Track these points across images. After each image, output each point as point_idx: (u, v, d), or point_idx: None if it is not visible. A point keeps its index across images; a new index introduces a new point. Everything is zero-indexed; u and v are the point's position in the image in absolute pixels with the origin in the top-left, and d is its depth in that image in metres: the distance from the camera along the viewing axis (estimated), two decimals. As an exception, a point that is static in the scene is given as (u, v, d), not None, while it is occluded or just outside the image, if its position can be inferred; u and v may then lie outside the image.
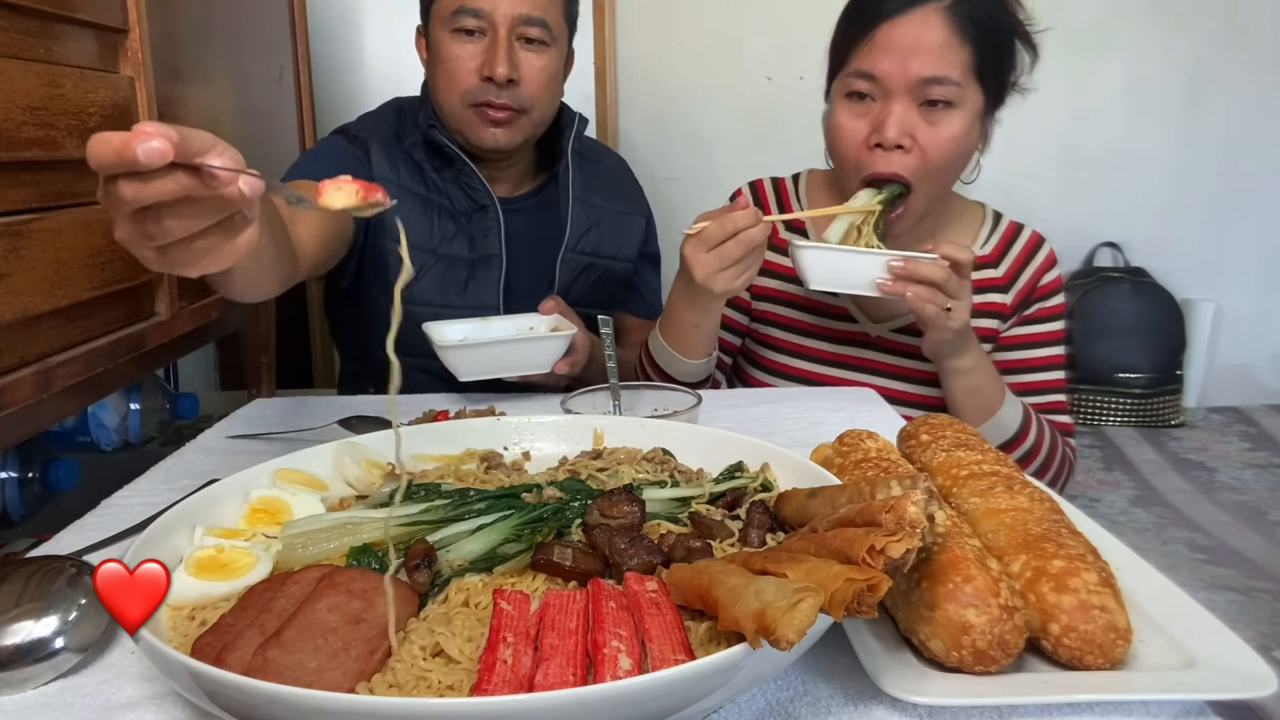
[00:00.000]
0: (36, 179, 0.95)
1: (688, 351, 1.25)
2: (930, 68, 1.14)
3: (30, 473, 1.25)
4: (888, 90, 1.17)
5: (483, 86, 1.36)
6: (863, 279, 1.13)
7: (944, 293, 1.11)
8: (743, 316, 1.42)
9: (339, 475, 0.82)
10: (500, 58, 1.34)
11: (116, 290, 1.09)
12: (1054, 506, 0.69)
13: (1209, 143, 2.74)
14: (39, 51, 0.96)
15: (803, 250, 1.15)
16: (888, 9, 1.16)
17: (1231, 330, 2.83)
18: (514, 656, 0.52)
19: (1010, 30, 1.19)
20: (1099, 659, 0.56)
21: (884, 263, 1.11)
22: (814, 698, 0.58)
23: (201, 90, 1.40)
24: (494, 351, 1.19)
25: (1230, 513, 2.07)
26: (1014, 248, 1.35)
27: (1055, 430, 1.31)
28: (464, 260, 1.43)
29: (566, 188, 1.49)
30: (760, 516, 0.69)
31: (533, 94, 1.38)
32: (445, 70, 1.38)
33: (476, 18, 1.34)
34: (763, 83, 2.59)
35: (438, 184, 1.46)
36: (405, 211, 1.42)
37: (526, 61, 1.37)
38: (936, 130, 1.17)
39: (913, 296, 1.10)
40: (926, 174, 1.18)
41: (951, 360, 1.20)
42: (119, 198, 0.58)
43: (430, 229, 1.43)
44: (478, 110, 1.38)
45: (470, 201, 1.45)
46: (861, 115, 1.20)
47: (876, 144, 1.18)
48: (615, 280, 1.58)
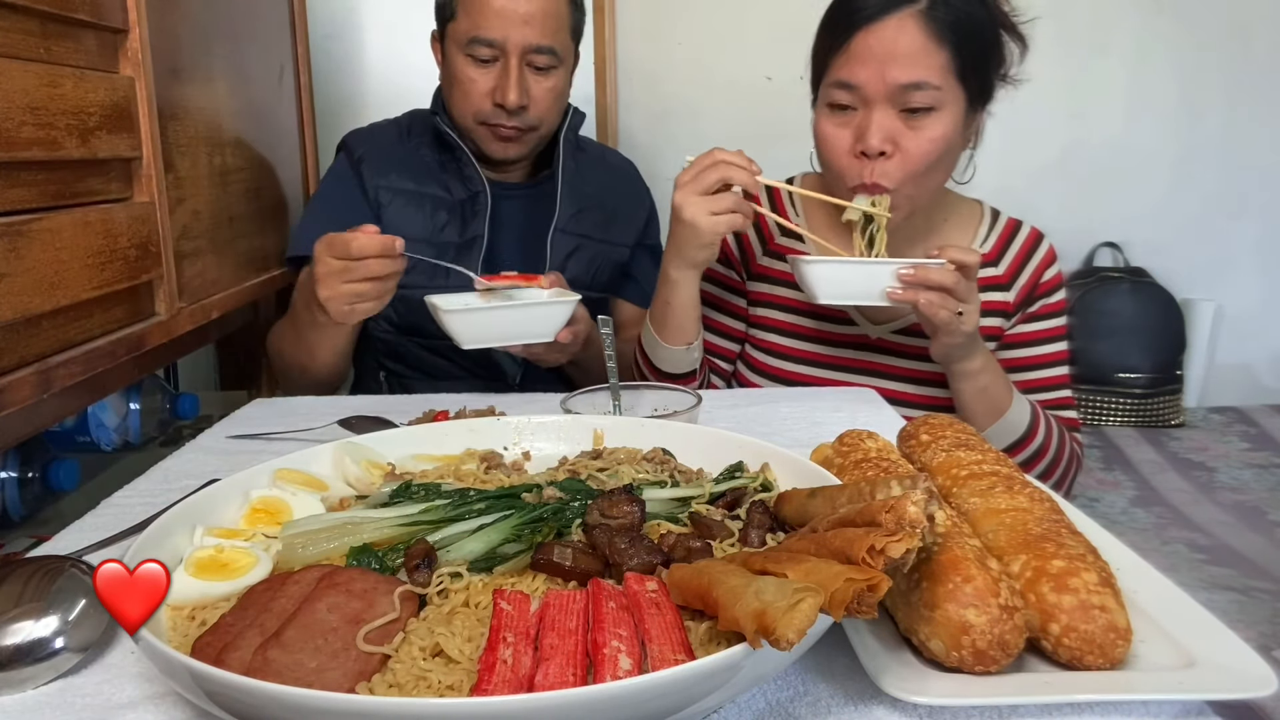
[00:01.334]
0: (36, 179, 0.95)
1: (665, 334, 1.27)
2: (908, 74, 1.14)
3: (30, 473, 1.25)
4: (867, 98, 1.17)
5: (495, 110, 1.44)
6: (873, 289, 1.12)
7: (954, 297, 1.11)
8: (740, 324, 1.42)
9: (339, 475, 0.82)
10: (512, 85, 1.41)
11: (116, 290, 1.09)
12: (1054, 506, 0.69)
13: (1209, 143, 2.74)
14: (39, 51, 0.96)
15: (809, 266, 1.14)
16: (862, 17, 1.16)
17: (1231, 330, 2.83)
18: (514, 656, 0.52)
19: (992, 26, 1.19)
20: (1099, 659, 0.56)
21: (893, 271, 1.11)
22: (814, 698, 0.58)
23: (201, 90, 1.40)
24: (497, 316, 1.18)
25: (1230, 513, 2.07)
26: (1013, 245, 1.35)
27: (1063, 426, 1.31)
28: (452, 244, 1.50)
29: (558, 172, 1.55)
30: (760, 516, 0.69)
31: (541, 114, 1.47)
32: (460, 90, 1.46)
33: (490, 47, 1.41)
34: (763, 83, 2.59)
35: (438, 176, 1.53)
36: (399, 210, 1.51)
37: (536, 85, 1.45)
38: (919, 135, 1.17)
39: (924, 303, 1.10)
40: (910, 178, 1.18)
41: (961, 363, 1.20)
42: (359, 269, 1.14)
43: (425, 221, 1.51)
44: (490, 129, 1.47)
45: (465, 189, 1.53)
46: (844, 124, 1.20)
47: (861, 152, 1.18)
48: (610, 265, 1.62)
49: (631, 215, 1.66)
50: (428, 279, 1.41)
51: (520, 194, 1.57)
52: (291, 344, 1.41)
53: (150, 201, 1.17)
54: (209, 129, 1.42)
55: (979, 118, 1.24)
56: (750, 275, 1.41)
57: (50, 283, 0.94)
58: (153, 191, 1.18)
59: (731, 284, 1.43)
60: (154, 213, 1.18)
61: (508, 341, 1.21)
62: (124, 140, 1.11)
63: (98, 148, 1.05)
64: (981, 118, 1.25)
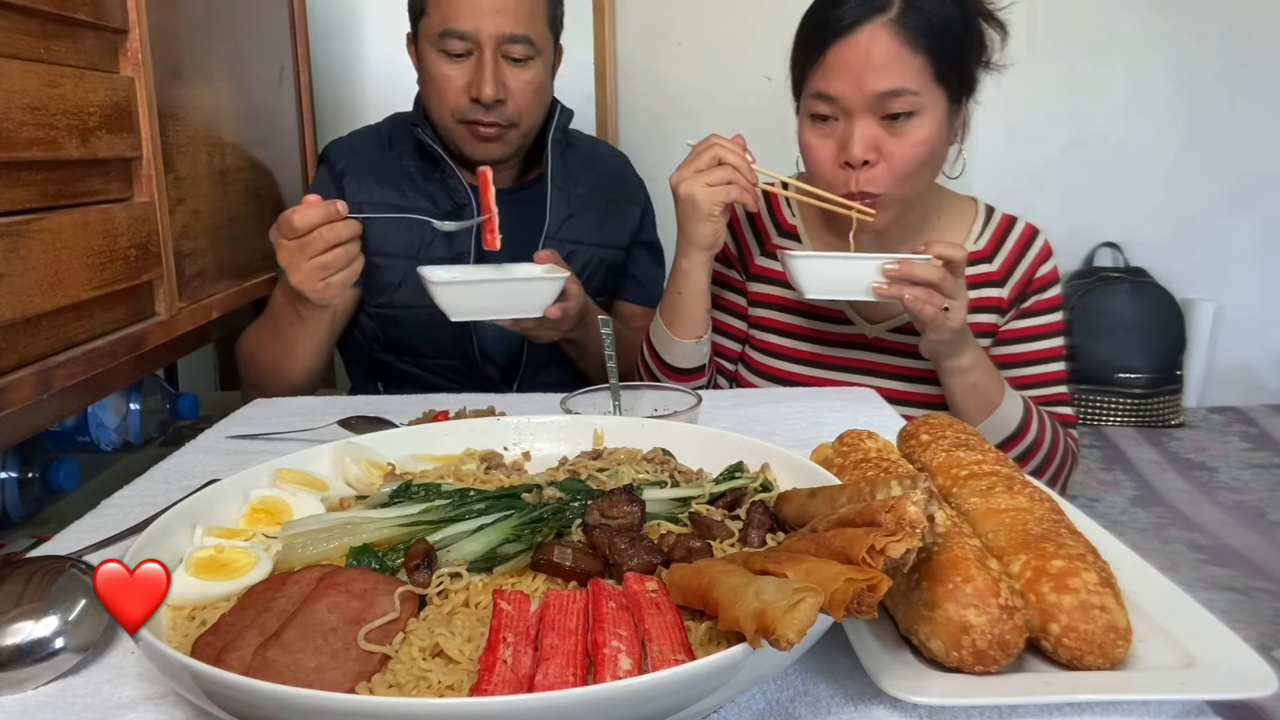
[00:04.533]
0: (36, 179, 0.95)
1: (677, 328, 1.27)
2: (885, 82, 1.15)
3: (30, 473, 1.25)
4: (847, 109, 1.18)
5: (471, 106, 1.39)
6: (858, 284, 1.13)
7: (940, 292, 1.11)
8: (742, 323, 1.42)
9: (339, 475, 0.82)
10: (486, 78, 1.37)
11: (116, 290, 1.09)
12: (1054, 506, 0.69)
13: (1209, 143, 2.74)
14: (39, 51, 0.96)
15: (796, 260, 1.15)
16: (835, 30, 1.17)
17: (1231, 330, 2.83)
18: (514, 656, 0.52)
19: (968, 20, 1.19)
20: (1099, 659, 0.56)
21: (878, 266, 1.11)
22: (814, 698, 0.58)
23: (201, 90, 1.40)
24: (486, 289, 1.18)
25: (1230, 513, 2.07)
26: (1008, 241, 1.35)
27: (1057, 423, 1.31)
28: (442, 261, 1.45)
29: (547, 176, 1.52)
30: (760, 516, 0.69)
31: (520, 108, 1.42)
32: (434, 88, 1.41)
33: (462, 40, 1.37)
34: (763, 83, 2.58)
35: (422, 187, 1.49)
36: (382, 227, 1.46)
37: (513, 77, 1.40)
38: (902, 140, 1.17)
39: (910, 299, 1.10)
40: (897, 182, 1.19)
41: (950, 360, 1.20)
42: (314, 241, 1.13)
43: (409, 237, 1.46)
44: (469, 128, 1.42)
45: (451, 202, 1.49)
46: (827, 135, 1.21)
47: (845, 162, 1.19)
48: (606, 268, 1.59)
49: (626, 213, 1.63)
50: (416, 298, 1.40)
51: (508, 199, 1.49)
52: (269, 344, 1.37)
53: (150, 201, 1.17)
54: (209, 129, 1.42)
55: (964, 111, 1.25)
56: (749, 275, 1.42)
57: (50, 283, 0.94)
58: (153, 191, 1.18)
59: (732, 283, 1.43)
60: (154, 213, 1.18)
61: (496, 315, 1.20)
62: (124, 140, 1.11)
63: (98, 148, 1.05)
64: (967, 110, 1.25)
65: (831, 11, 1.18)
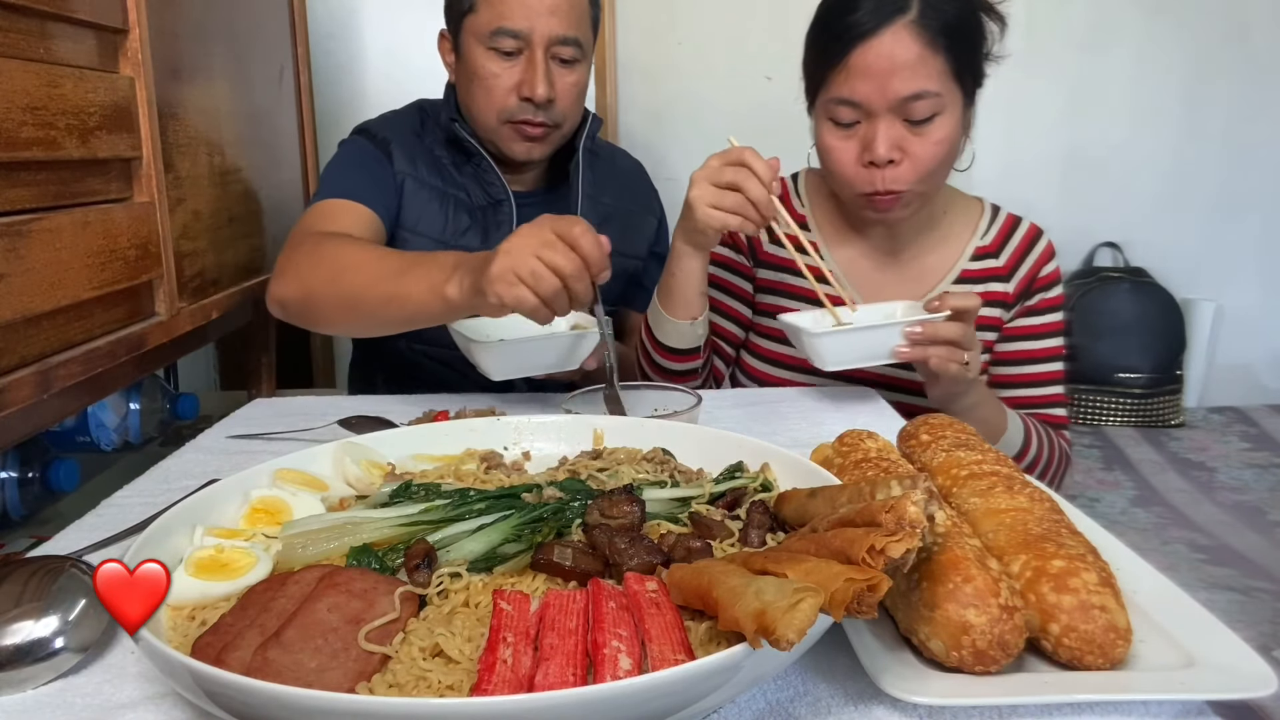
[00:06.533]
0: (36, 179, 0.95)
1: (671, 307, 1.27)
2: (909, 85, 1.15)
3: (30, 473, 1.25)
4: (871, 112, 1.17)
5: (520, 105, 1.38)
6: (881, 351, 1.12)
7: (960, 347, 1.11)
8: (746, 308, 1.42)
9: (339, 475, 0.82)
10: (539, 78, 1.36)
11: (116, 290, 1.09)
12: (1054, 506, 0.69)
13: (1209, 143, 2.74)
14: (39, 51, 0.96)
15: (815, 339, 1.12)
16: (857, 32, 1.16)
17: (1231, 330, 2.83)
18: (514, 656, 0.52)
19: (976, 17, 1.19)
20: (1099, 659, 0.56)
21: (900, 331, 1.10)
22: (814, 698, 0.58)
23: (201, 90, 1.40)
24: (525, 348, 1.16)
25: (1230, 513, 2.07)
26: (1013, 238, 1.36)
27: (1052, 431, 1.32)
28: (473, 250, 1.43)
29: (578, 185, 1.51)
30: (760, 516, 0.69)
31: (565, 109, 1.42)
32: (482, 87, 1.40)
33: (515, 39, 1.36)
34: (763, 83, 2.59)
35: (455, 179, 1.48)
36: (421, 204, 1.45)
37: (560, 79, 1.39)
38: (924, 139, 1.18)
39: (936, 361, 1.10)
40: (920, 179, 1.20)
41: (960, 401, 1.20)
42: (563, 265, 0.98)
43: (445, 222, 1.45)
44: (514, 127, 1.40)
45: (486, 196, 1.48)
46: (849, 136, 1.21)
47: (869, 161, 1.19)
48: (624, 277, 1.59)
49: (644, 225, 1.63)
50: None
51: (537, 201, 1.51)
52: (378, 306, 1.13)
53: (150, 201, 1.17)
54: (209, 129, 1.42)
55: (973, 106, 1.25)
56: (756, 261, 1.41)
57: (50, 283, 0.94)
58: (153, 191, 1.18)
59: (739, 268, 1.42)
60: (154, 213, 1.18)
61: (536, 372, 1.18)
62: (124, 140, 1.11)
63: (98, 148, 1.05)
64: (974, 105, 1.25)
65: (849, 15, 1.17)
